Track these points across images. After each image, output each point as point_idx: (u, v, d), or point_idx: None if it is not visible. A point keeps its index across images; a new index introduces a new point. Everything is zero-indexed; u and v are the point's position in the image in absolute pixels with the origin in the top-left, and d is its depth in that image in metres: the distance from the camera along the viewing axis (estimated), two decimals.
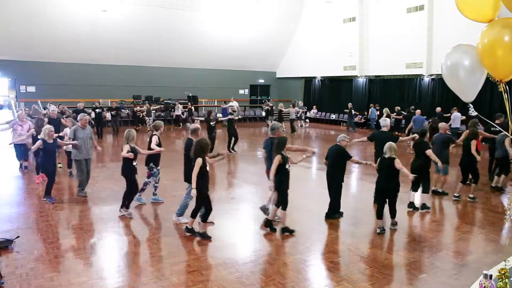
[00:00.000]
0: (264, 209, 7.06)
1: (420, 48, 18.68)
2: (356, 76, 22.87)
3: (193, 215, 6.15)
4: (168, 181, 9.46)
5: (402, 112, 18.36)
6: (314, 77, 26.52)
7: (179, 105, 22.46)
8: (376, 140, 7.86)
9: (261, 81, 28.63)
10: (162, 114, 22.62)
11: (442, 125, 8.88)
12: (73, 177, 9.36)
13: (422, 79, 20.02)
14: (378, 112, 20.88)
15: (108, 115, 19.13)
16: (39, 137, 8.04)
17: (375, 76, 22.19)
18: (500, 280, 3.62)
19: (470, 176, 8.40)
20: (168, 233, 6.37)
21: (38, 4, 18.47)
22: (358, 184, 9.96)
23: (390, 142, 6.64)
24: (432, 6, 18.39)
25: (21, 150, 10.58)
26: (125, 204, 7.03)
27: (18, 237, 5.85)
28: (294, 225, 6.64)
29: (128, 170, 6.92)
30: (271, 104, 21.98)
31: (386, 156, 6.46)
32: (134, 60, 22.80)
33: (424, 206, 7.63)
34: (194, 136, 6.65)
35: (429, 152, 7.52)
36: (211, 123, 12.70)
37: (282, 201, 6.29)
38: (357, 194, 8.02)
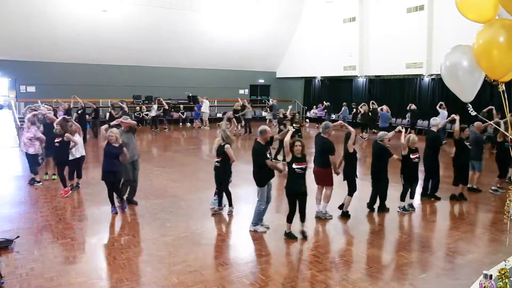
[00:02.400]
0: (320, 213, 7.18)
1: (420, 48, 18.67)
2: (356, 76, 22.87)
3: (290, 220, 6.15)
4: (167, 181, 9.47)
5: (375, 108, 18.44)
6: (314, 77, 26.53)
7: (154, 106, 21.02)
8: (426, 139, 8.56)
9: (261, 81, 28.63)
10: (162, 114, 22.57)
11: (477, 124, 9.09)
12: (78, 189, 8.69)
13: (422, 79, 20.03)
14: (354, 110, 21.39)
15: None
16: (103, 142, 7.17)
17: (375, 76, 22.19)
18: (500, 280, 3.62)
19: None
20: (168, 233, 6.37)
21: (38, 4, 18.47)
22: (358, 184, 9.94)
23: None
24: (432, 6, 18.39)
25: (35, 161, 9.14)
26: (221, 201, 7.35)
27: (18, 237, 5.85)
28: (293, 226, 6.64)
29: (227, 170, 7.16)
30: (241, 104, 19.79)
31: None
32: (134, 60, 22.79)
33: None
34: (262, 139, 6.34)
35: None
36: (294, 126, 10.92)
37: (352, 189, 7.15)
38: (357, 194, 8.02)
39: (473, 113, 4.22)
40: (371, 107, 18.61)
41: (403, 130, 8.07)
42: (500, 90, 3.92)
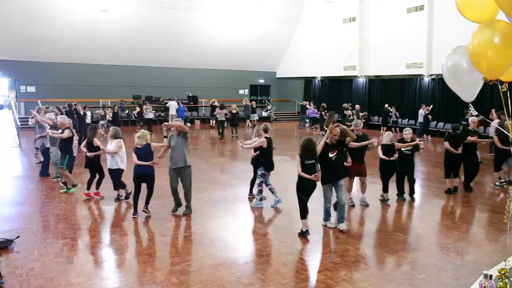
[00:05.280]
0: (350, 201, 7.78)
1: (420, 48, 18.69)
2: (356, 76, 22.88)
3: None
4: (166, 181, 9.45)
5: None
6: (314, 77, 26.53)
7: (106, 110, 19.36)
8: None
9: (261, 81, 28.64)
10: (162, 114, 22.56)
11: (506, 123, 9.47)
12: (121, 199, 8.01)
13: (422, 79, 20.03)
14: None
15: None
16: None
17: (375, 76, 22.20)
18: (500, 280, 3.61)
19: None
20: (168, 233, 6.37)
21: (38, 4, 18.49)
22: (357, 184, 9.95)
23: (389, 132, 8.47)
24: (432, 6, 18.40)
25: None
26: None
27: (18, 237, 5.85)
28: (293, 225, 6.65)
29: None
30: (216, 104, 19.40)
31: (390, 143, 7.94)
32: (134, 60, 22.81)
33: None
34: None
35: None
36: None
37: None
38: (357, 194, 8.07)
39: (475, 113, 4.23)
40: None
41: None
42: (503, 90, 3.93)
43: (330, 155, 6.28)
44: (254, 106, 23.82)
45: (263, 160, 7.61)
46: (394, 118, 19.67)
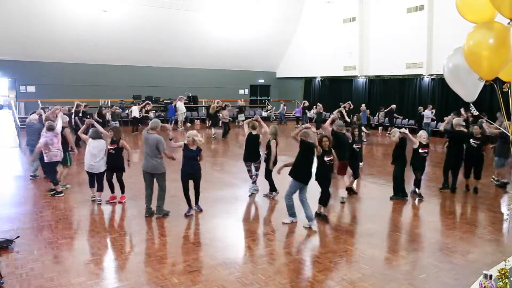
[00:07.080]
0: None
1: (420, 48, 18.68)
2: (356, 76, 22.88)
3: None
4: (166, 181, 9.45)
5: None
6: (314, 77, 26.53)
7: (134, 107, 19.61)
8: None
9: (261, 81, 28.63)
10: (162, 114, 22.55)
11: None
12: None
13: (422, 79, 20.04)
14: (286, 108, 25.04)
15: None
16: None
17: (375, 76, 22.20)
18: (500, 280, 3.61)
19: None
20: (168, 233, 6.37)
21: (38, 4, 18.48)
22: (358, 184, 9.96)
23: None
24: (432, 6, 18.40)
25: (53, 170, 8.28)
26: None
27: (18, 237, 5.85)
28: (293, 225, 6.64)
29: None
30: (218, 104, 18.97)
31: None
32: (134, 60, 22.80)
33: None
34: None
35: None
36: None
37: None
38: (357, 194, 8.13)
39: (476, 113, 4.25)
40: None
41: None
42: (505, 90, 3.92)
43: None
44: (242, 106, 23.52)
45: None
46: (382, 119, 19.41)
